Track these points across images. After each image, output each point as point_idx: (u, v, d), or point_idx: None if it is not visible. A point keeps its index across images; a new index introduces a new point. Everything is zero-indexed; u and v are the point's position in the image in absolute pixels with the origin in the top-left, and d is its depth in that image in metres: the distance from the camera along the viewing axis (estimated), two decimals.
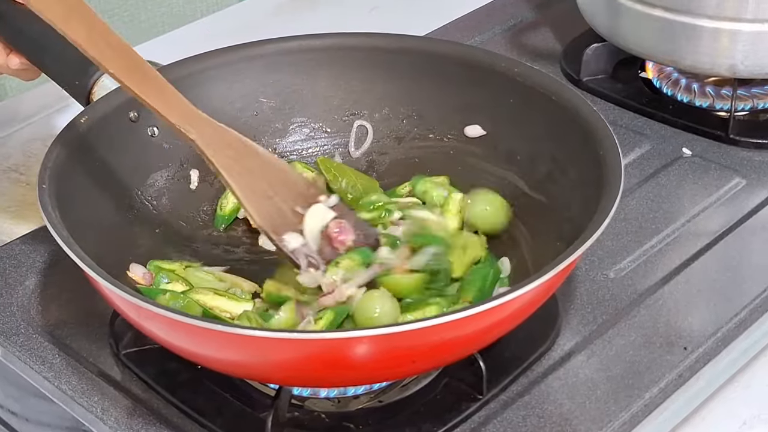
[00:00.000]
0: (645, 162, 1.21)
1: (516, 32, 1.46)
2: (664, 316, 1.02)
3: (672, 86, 1.32)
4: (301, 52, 1.14)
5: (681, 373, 0.96)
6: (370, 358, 0.83)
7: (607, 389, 0.94)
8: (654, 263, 1.07)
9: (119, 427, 0.91)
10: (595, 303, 1.03)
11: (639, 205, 1.15)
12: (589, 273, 1.06)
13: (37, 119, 1.37)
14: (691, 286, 1.05)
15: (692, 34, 1.23)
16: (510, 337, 0.91)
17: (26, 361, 0.98)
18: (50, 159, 0.96)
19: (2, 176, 1.28)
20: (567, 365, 0.96)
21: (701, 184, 1.18)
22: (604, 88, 1.33)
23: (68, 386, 0.95)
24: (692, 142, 1.24)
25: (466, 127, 1.11)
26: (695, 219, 1.13)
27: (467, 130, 1.11)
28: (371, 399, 0.94)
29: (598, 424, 0.91)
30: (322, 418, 0.92)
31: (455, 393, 0.93)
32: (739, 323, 1.00)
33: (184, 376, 0.94)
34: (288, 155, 1.14)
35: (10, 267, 1.08)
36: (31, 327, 1.01)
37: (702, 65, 1.24)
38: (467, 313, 0.81)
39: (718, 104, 1.29)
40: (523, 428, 0.91)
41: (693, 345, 0.98)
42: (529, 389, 0.94)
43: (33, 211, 1.20)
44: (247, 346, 0.82)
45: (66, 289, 1.05)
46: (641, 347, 0.98)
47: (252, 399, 0.93)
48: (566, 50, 1.40)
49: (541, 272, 0.85)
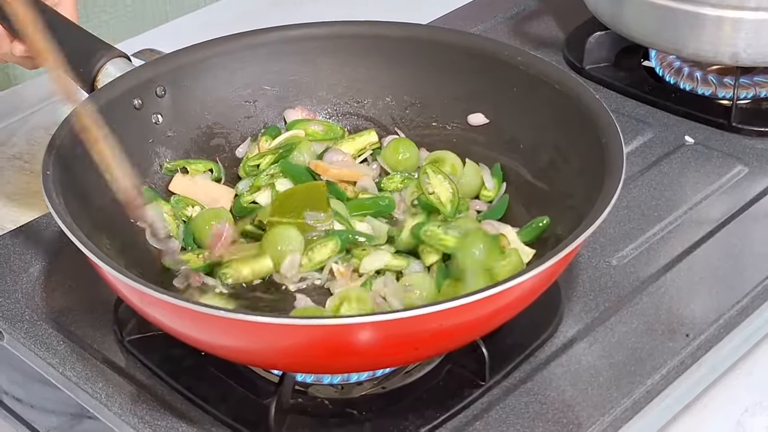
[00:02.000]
0: (648, 150, 1.21)
1: (519, 20, 1.46)
2: (666, 303, 1.02)
3: (675, 74, 1.32)
4: (305, 40, 1.14)
5: (683, 359, 0.96)
6: (373, 344, 0.83)
7: (610, 376, 0.94)
8: (656, 250, 1.08)
9: (123, 413, 0.91)
10: (598, 290, 1.03)
11: (641, 192, 1.15)
12: (592, 260, 1.06)
13: (41, 108, 1.38)
14: (693, 274, 1.05)
15: (695, 23, 1.23)
16: (512, 323, 0.91)
17: (31, 348, 0.98)
18: (54, 146, 0.96)
19: (7, 164, 1.28)
20: (569, 352, 0.97)
21: (703, 172, 1.18)
22: (607, 77, 1.33)
23: (73, 372, 0.95)
24: (695, 130, 1.24)
25: (470, 116, 1.12)
26: (697, 206, 1.13)
27: (470, 118, 1.12)
28: (374, 385, 0.94)
29: (600, 411, 0.91)
30: (326, 404, 0.92)
31: (458, 379, 0.93)
32: (741, 310, 1.01)
33: (188, 362, 0.94)
34: None
35: (14, 254, 1.08)
36: (35, 314, 1.01)
37: (705, 53, 1.24)
38: (469, 299, 0.82)
39: (720, 92, 1.29)
40: (526, 414, 0.91)
41: (695, 332, 0.98)
42: (531, 376, 0.94)
43: (37, 199, 1.21)
44: (249, 332, 0.82)
45: (70, 276, 1.05)
46: (643, 334, 0.98)
47: (256, 385, 0.93)
48: (569, 38, 1.40)
49: (542, 259, 0.85)
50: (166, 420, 0.91)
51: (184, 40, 1.14)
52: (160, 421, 0.91)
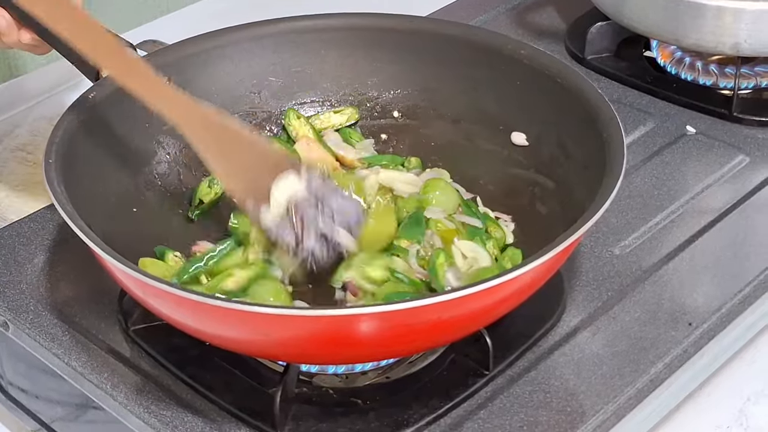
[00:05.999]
0: (649, 140, 1.22)
1: (520, 11, 1.46)
2: (668, 292, 1.02)
3: (676, 64, 1.32)
4: (311, 32, 1.14)
5: (686, 348, 0.96)
6: (375, 334, 0.83)
7: (613, 365, 0.95)
8: (658, 240, 1.08)
9: (129, 403, 0.92)
10: (601, 279, 1.03)
11: (643, 182, 1.15)
12: (594, 250, 1.06)
13: (44, 99, 1.38)
14: (695, 263, 1.06)
15: (696, 13, 1.23)
16: (516, 313, 0.91)
17: (36, 338, 0.98)
18: (57, 135, 0.96)
19: (10, 156, 1.28)
20: (573, 341, 0.97)
21: (705, 162, 1.18)
22: (609, 67, 1.33)
23: (78, 363, 0.96)
24: (696, 120, 1.25)
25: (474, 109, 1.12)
26: (699, 196, 1.14)
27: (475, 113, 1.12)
28: (379, 375, 0.95)
29: (603, 399, 0.91)
30: (330, 394, 0.93)
31: (462, 369, 0.94)
32: (744, 299, 1.01)
33: (193, 352, 0.94)
34: None
35: (19, 245, 1.08)
36: (40, 304, 1.01)
37: (706, 44, 1.24)
38: (472, 290, 0.82)
39: (721, 82, 1.29)
40: (530, 404, 0.91)
41: (697, 321, 0.99)
42: (535, 365, 0.95)
43: (41, 190, 1.21)
44: (249, 322, 0.83)
45: (75, 266, 1.05)
46: (646, 323, 0.99)
47: (261, 375, 0.94)
48: (570, 29, 1.41)
49: (544, 250, 0.85)
50: (171, 410, 0.91)
51: (183, 31, 1.14)
52: (165, 410, 0.91)
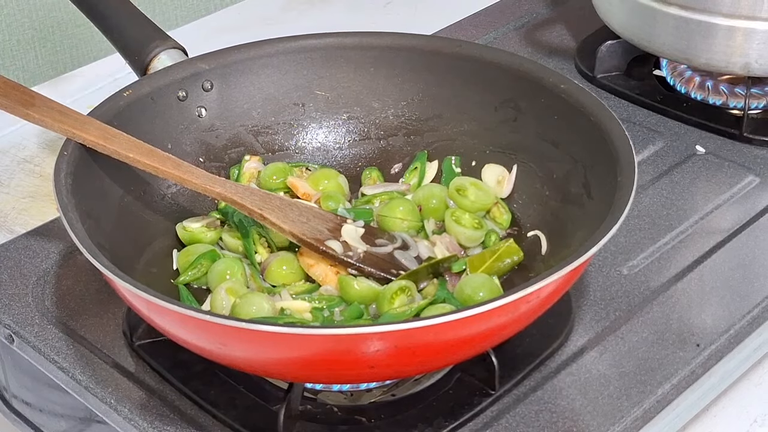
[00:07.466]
0: (659, 159, 1.21)
1: (530, 29, 1.46)
2: (676, 312, 1.02)
3: (686, 84, 1.32)
4: (361, 49, 1.13)
5: (693, 369, 0.96)
6: (382, 354, 0.83)
7: (620, 385, 0.94)
8: (667, 260, 1.07)
9: (133, 418, 0.91)
10: (608, 299, 1.03)
11: (652, 202, 1.15)
12: (603, 269, 1.06)
13: None
14: (704, 283, 1.05)
15: (707, 32, 1.23)
16: (523, 332, 0.91)
17: (40, 352, 0.98)
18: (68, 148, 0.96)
19: (17, 167, 1.28)
20: (579, 361, 0.97)
21: (714, 182, 1.18)
22: (618, 86, 1.33)
23: (82, 377, 0.95)
24: (706, 140, 1.24)
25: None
26: (708, 216, 1.13)
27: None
28: (384, 393, 0.94)
29: (610, 420, 0.91)
30: (335, 412, 0.92)
31: (468, 388, 0.93)
32: (752, 320, 1.01)
33: (198, 367, 0.94)
34: (336, 148, 1.14)
35: (24, 258, 1.08)
36: (45, 318, 1.01)
37: (716, 63, 1.24)
38: (478, 310, 0.81)
39: (731, 102, 1.29)
40: (536, 423, 0.91)
41: (705, 342, 0.98)
42: (541, 385, 0.94)
43: (48, 203, 1.21)
44: (254, 340, 0.82)
45: (80, 280, 1.05)
46: (654, 344, 0.98)
47: (265, 391, 0.93)
48: (580, 47, 1.40)
49: (551, 270, 0.85)
50: (175, 425, 0.91)
51: (193, 45, 1.14)
52: (169, 426, 0.91)
